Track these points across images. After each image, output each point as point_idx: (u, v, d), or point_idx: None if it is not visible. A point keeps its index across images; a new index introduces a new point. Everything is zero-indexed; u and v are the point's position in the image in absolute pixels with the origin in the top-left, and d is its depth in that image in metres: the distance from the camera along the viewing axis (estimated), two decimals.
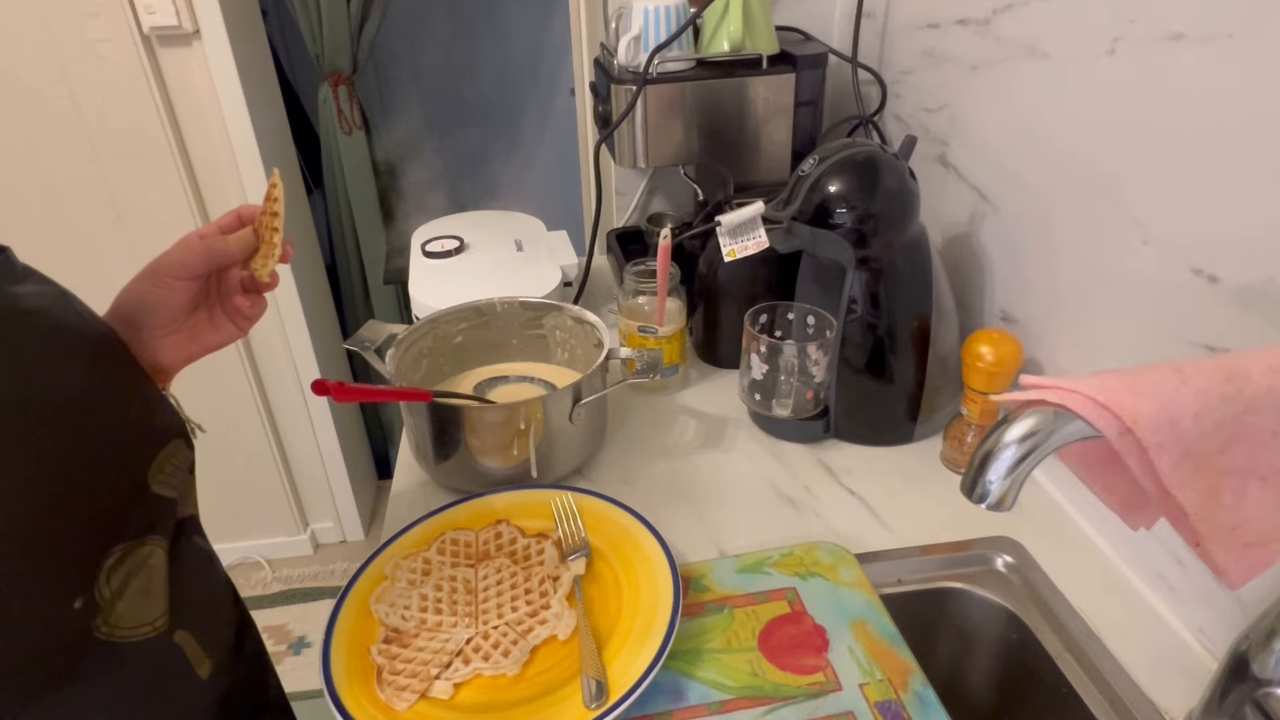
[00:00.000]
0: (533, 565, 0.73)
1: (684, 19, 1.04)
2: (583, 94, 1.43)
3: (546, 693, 0.62)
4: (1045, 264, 0.83)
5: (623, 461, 0.92)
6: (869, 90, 1.16)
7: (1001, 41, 0.86)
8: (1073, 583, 0.74)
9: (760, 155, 1.12)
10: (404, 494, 0.89)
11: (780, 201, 0.88)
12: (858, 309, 0.87)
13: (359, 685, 0.62)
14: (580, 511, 0.78)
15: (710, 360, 1.10)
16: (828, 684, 0.64)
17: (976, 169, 0.93)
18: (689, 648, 0.67)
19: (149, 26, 1.50)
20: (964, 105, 0.95)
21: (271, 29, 2.11)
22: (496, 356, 1.01)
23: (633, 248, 1.29)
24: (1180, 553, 0.68)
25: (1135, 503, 0.51)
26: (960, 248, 0.97)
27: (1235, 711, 0.54)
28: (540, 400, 0.82)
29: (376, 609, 0.69)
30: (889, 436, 0.93)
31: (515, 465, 0.84)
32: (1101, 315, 0.75)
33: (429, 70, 2.53)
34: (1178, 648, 0.68)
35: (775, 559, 0.75)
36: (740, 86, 1.07)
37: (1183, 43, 0.63)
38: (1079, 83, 0.75)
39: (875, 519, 0.83)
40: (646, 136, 1.08)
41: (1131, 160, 0.69)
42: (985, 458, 0.46)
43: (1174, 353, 0.67)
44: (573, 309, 0.96)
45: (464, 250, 1.19)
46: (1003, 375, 0.81)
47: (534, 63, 2.53)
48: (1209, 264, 0.62)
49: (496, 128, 2.64)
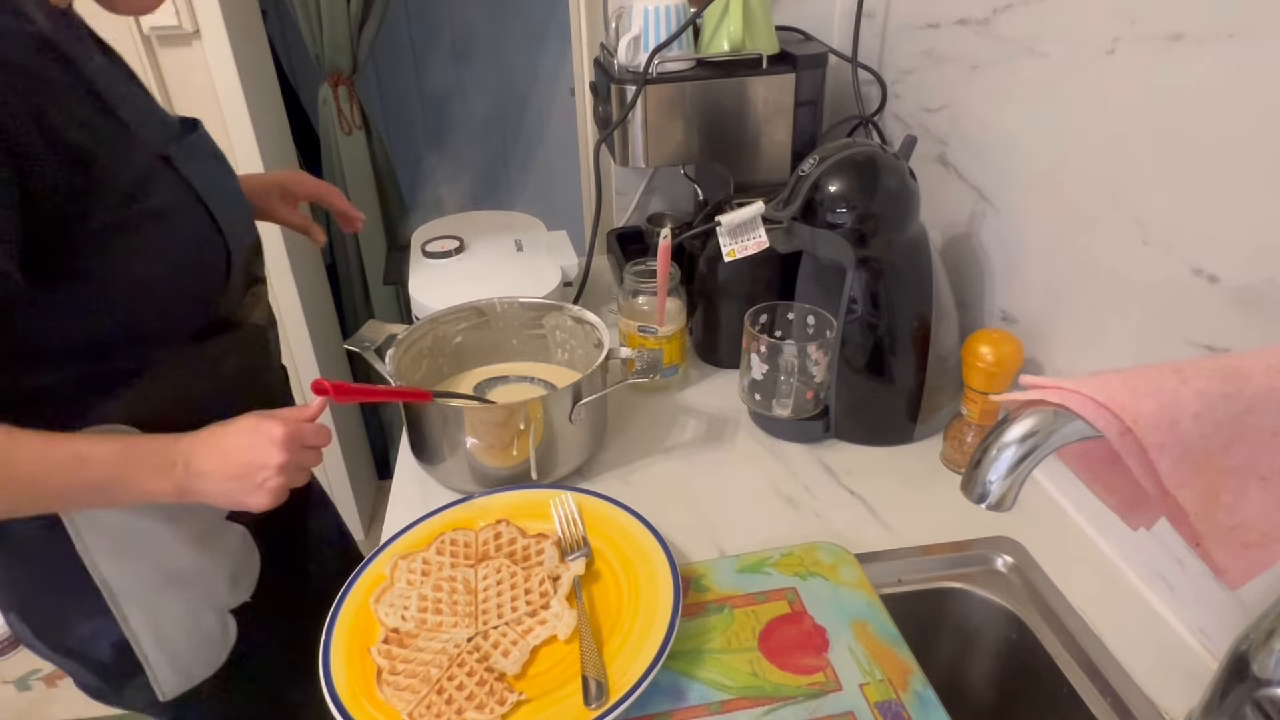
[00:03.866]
0: (533, 565, 0.73)
1: (684, 19, 1.04)
2: (583, 94, 1.43)
3: (546, 693, 0.62)
4: (1045, 264, 0.83)
5: (623, 461, 0.92)
6: (869, 90, 1.16)
7: (1001, 41, 0.86)
8: (1073, 583, 0.74)
9: (760, 155, 1.12)
10: (404, 494, 0.89)
11: (780, 201, 0.88)
12: (858, 309, 0.87)
13: (359, 685, 0.62)
14: (580, 511, 0.78)
15: (710, 360, 1.10)
16: (828, 684, 0.64)
17: (976, 169, 0.93)
18: (689, 648, 0.67)
19: (149, 26, 1.50)
20: (964, 105, 0.95)
21: (271, 29, 2.11)
22: (496, 356, 1.01)
23: (633, 248, 1.29)
24: (1180, 553, 0.68)
25: (1135, 503, 0.51)
26: (960, 248, 0.97)
27: (1235, 711, 0.54)
28: (540, 400, 0.82)
29: (376, 609, 0.69)
30: (889, 436, 0.93)
31: (515, 465, 0.84)
32: (1101, 315, 0.75)
33: (429, 70, 2.53)
34: (1178, 648, 0.68)
35: (775, 559, 0.75)
36: (740, 86, 1.07)
37: (1183, 43, 0.63)
38: (1079, 83, 0.75)
39: (875, 519, 0.83)
40: (646, 136, 1.08)
41: (1131, 160, 0.69)
42: (985, 458, 0.46)
43: (1174, 353, 0.67)
44: (573, 309, 0.96)
45: (464, 250, 1.19)
46: (1003, 375, 0.81)
47: (534, 63, 2.52)
48: (1209, 264, 0.62)
49: (496, 128, 2.64)
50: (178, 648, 0.81)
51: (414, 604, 0.69)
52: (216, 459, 0.68)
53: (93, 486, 0.65)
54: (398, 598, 0.69)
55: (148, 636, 0.79)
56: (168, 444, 0.68)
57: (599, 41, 1.19)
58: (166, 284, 0.70)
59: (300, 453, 0.70)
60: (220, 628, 0.84)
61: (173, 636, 0.80)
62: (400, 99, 2.54)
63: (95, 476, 0.64)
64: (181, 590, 0.80)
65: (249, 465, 0.68)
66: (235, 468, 0.68)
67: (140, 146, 0.68)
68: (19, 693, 1.85)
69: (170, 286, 0.71)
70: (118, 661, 0.79)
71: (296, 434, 0.70)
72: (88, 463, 0.64)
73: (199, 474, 0.68)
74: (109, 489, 0.66)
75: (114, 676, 0.82)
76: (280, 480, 0.69)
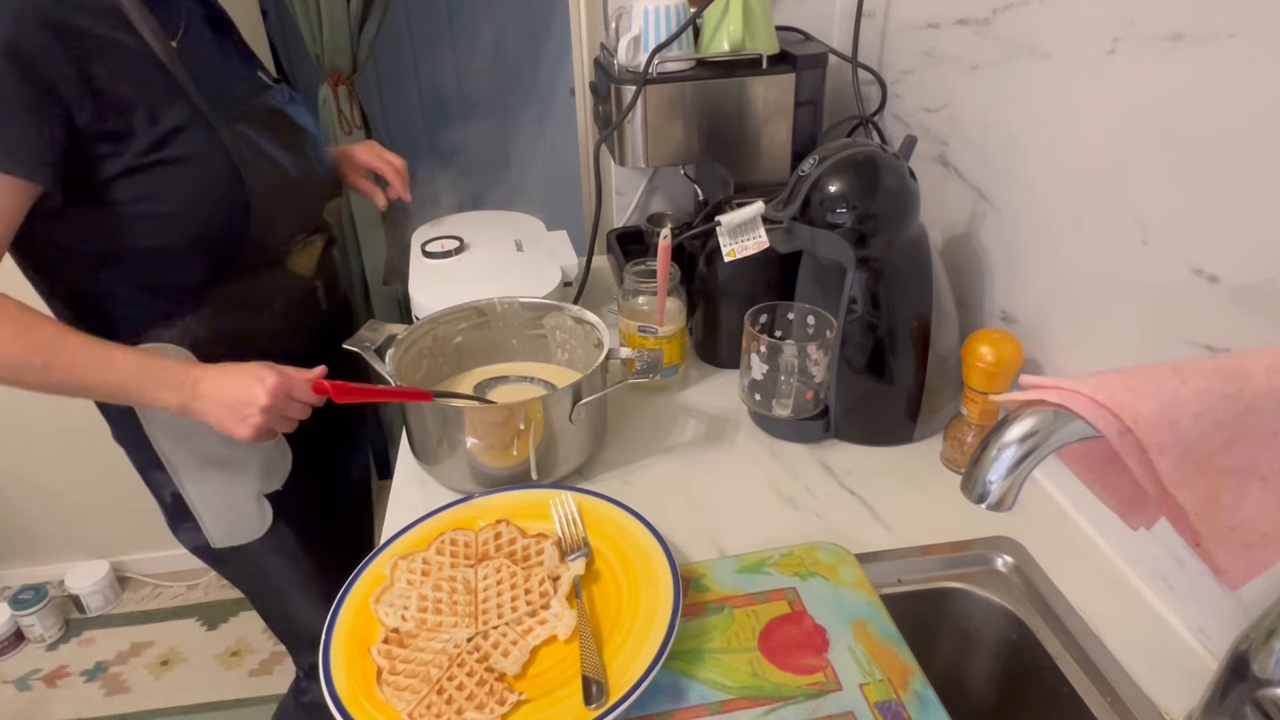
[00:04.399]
0: (533, 565, 0.73)
1: (684, 19, 1.04)
2: (583, 94, 1.43)
3: (546, 693, 0.62)
4: (1045, 264, 0.83)
5: (623, 461, 0.92)
6: (869, 90, 1.16)
7: (1002, 41, 0.86)
8: (1073, 583, 0.74)
9: (760, 155, 1.12)
10: (404, 494, 0.89)
11: (780, 201, 0.88)
12: (858, 309, 0.87)
13: (359, 685, 0.62)
14: (580, 511, 0.78)
15: (710, 360, 1.10)
16: (828, 684, 0.64)
17: (976, 169, 0.93)
18: (689, 648, 0.67)
19: None
20: (964, 105, 0.95)
21: (271, 29, 2.11)
22: (496, 356, 1.01)
23: (633, 248, 1.29)
24: (1180, 553, 0.68)
25: (1135, 503, 0.51)
26: (960, 248, 0.97)
27: (1235, 711, 0.54)
28: (540, 400, 0.82)
29: (376, 609, 0.69)
30: (889, 436, 0.93)
31: (515, 465, 0.84)
32: (1101, 315, 0.75)
33: (429, 70, 2.53)
34: (1178, 648, 0.68)
35: (775, 559, 0.75)
36: (740, 86, 1.07)
37: (1183, 43, 0.63)
38: (1079, 83, 0.75)
39: (875, 519, 0.83)
40: (646, 136, 1.08)
41: (1131, 160, 0.69)
42: (985, 458, 0.46)
43: (1174, 353, 0.67)
44: (573, 309, 0.96)
45: (464, 250, 1.19)
46: (1003, 375, 0.81)
47: (534, 63, 2.52)
48: (1209, 264, 0.62)
49: (496, 128, 2.63)
50: (220, 512, 1.02)
51: (414, 604, 0.69)
52: (215, 388, 0.82)
53: (114, 386, 0.81)
54: (398, 598, 0.69)
55: (197, 498, 1.00)
56: (183, 368, 0.83)
57: (599, 41, 1.19)
58: (190, 216, 0.85)
59: (285, 402, 0.82)
60: (256, 506, 1.03)
61: (214, 503, 1.01)
62: (400, 99, 2.53)
63: (116, 378, 0.80)
64: (220, 470, 0.99)
65: (239, 400, 0.81)
66: (228, 399, 0.81)
67: (184, 107, 0.84)
68: (19, 693, 1.85)
69: (194, 219, 0.86)
70: (175, 506, 1.02)
71: (285, 384, 0.82)
72: (113, 366, 0.80)
73: (200, 395, 0.82)
74: (127, 390, 0.82)
75: (174, 516, 1.03)
76: (261, 420, 0.81)
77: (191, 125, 0.84)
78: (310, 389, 0.83)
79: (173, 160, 0.83)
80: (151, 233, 0.84)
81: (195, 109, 0.84)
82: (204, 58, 0.90)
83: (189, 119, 0.84)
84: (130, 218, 0.83)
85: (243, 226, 0.89)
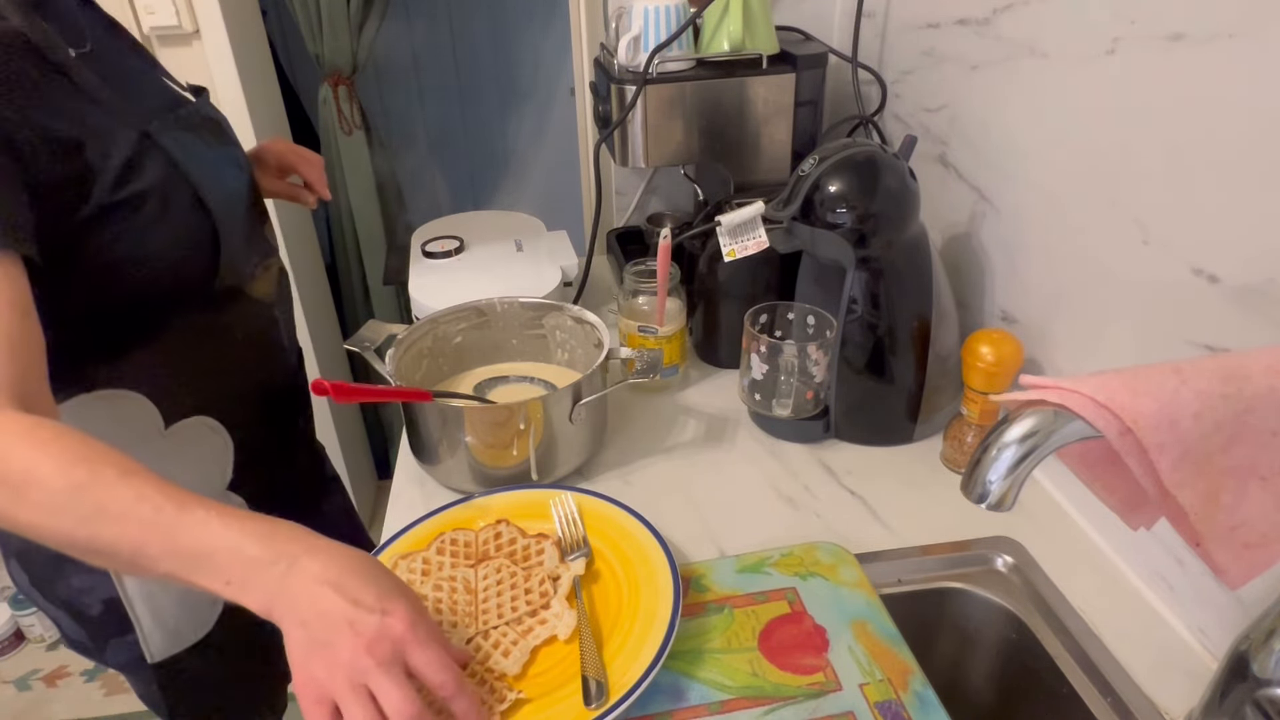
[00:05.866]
0: (533, 565, 0.72)
1: (684, 19, 1.04)
2: (583, 94, 1.43)
3: (546, 693, 0.62)
4: (1045, 264, 0.83)
5: (623, 461, 0.92)
6: (869, 90, 1.16)
7: (1001, 41, 0.86)
8: (1073, 583, 0.74)
9: (760, 155, 1.12)
10: (404, 494, 0.89)
11: (780, 201, 0.88)
12: (858, 309, 0.87)
13: None
14: (580, 511, 0.78)
15: (710, 360, 1.10)
16: (828, 684, 0.64)
17: (976, 169, 0.93)
18: (689, 648, 0.67)
19: (149, 26, 1.50)
20: (964, 105, 0.95)
21: (271, 29, 2.11)
22: (496, 356, 1.01)
23: (633, 248, 1.29)
24: (1180, 553, 0.68)
25: (1135, 503, 0.51)
26: (960, 248, 0.97)
27: (1235, 711, 0.54)
28: (540, 400, 0.82)
29: None
30: (889, 436, 0.93)
31: (515, 465, 0.84)
32: (1101, 315, 0.75)
33: (429, 70, 2.53)
34: (1178, 648, 0.68)
35: (775, 559, 0.75)
36: (740, 86, 1.07)
37: (1183, 43, 0.63)
38: (1079, 83, 0.75)
39: (875, 519, 0.83)
40: (646, 136, 1.08)
41: (1131, 160, 0.69)
42: (985, 458, 0.46)
43: (1174, 353, 0.67)
44: (573, 309, 0.96)
45: (464, 250, 1.19)
46: (1003, 375, 0.81)
47: (534, 63, 2.52)
48: (1209, 264, 0.62)
49: (496, 127, 2.64)
50: (168, 609, 0.83)
51: None
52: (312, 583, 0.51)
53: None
54: None
55: (139, 595, 0.81)
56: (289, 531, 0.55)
57: (599, 41, 1.19)
58: (164, 257, 0.73)
59: (391, 668, 0.49)
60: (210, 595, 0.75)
61: (163, 598, 0.82)
62: (400, 99, 2.54)
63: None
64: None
65: (328, 616, 0.50)
66: (319, 610, 0.50)
67: (126, 126, 0.70)
68: (19, 693, 1.85)
69: (168, 258, 0.74)
70: (106, 616, 0.82)
71: (410, 637, 0.51)
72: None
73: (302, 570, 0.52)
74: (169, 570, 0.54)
75: (100, 632, 0.83)
76: (332, 679, 0.49)
77: (147, 151, 0.71)
78: (433, 663, 0.52)
79: (144, 192, 0.70)
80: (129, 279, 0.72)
81: (138, 130, 0.71)
82: (116, 65, 0.76)
83: (138, 146, 0.70)
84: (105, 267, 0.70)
85: (212, 250, 0.77)
